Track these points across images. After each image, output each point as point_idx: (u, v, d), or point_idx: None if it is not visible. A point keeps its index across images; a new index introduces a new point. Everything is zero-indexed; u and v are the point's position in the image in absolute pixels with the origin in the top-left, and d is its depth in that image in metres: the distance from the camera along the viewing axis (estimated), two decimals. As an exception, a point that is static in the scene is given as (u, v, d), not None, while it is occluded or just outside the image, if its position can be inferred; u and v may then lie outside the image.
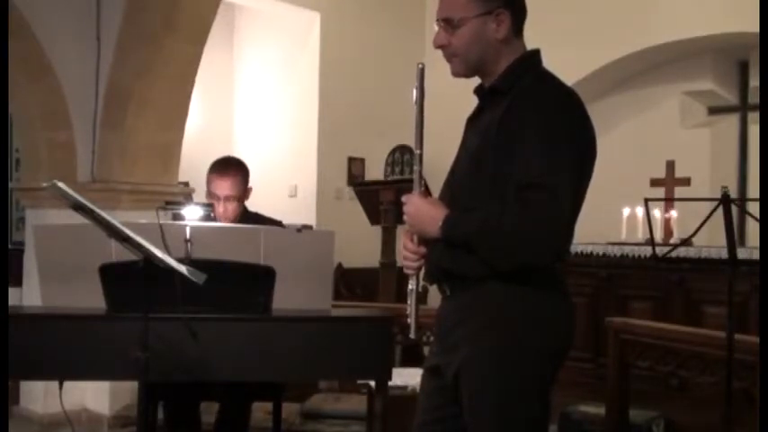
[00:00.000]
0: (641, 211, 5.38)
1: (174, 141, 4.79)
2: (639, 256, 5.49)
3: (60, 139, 4.65)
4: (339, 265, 6.00)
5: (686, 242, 3.78)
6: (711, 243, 4.67)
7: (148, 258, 2.16)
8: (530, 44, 1.98)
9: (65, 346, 2.59)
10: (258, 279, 2.65)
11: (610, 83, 6.70)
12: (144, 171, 4.64)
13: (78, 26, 4.56)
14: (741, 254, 3.41)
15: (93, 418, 4.53)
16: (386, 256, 4.68)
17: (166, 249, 2.28)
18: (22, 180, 5.07)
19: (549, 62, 1.97)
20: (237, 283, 2.63)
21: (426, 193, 2.04)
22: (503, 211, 1.77)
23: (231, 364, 2.64)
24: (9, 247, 5.72)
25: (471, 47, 1.91)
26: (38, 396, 4.52)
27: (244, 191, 3.29)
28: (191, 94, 4.78)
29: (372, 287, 5.20)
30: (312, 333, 2.72)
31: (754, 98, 6.31)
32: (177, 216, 2.92)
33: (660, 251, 3.69)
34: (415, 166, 1.99)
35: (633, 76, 6.70)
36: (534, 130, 1.78)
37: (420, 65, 1.98)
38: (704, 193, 5.48)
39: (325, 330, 2.76)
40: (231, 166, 3.29)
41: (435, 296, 2.05)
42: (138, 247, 2.14)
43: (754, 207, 3.11)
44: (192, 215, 2.87)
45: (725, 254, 3.13)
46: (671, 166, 5.93)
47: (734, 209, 3.11)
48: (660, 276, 5.32)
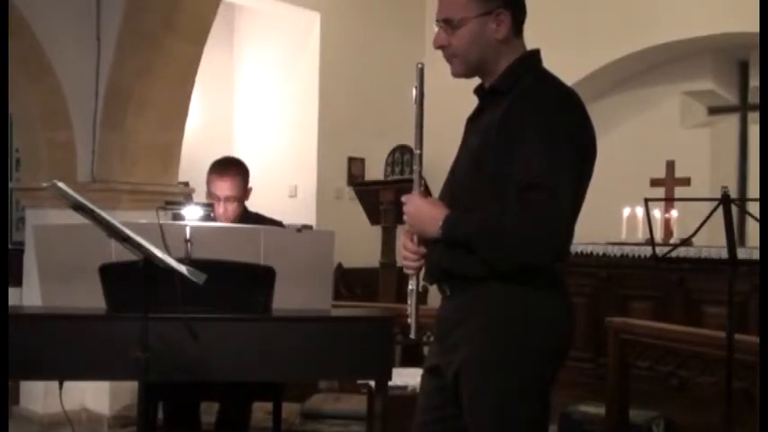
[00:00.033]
0: (641, 211, 5.38)
1: (174, 141, 4.79)
2: (639, 256, 5.49)
3: (60, 139, 4.65)
4: (339, 265, 6.00)
5: (686, 242, 3.78)
6: (711, 243, 4.67)
7: (148, 258, 2.16)
8: (530, 44, 1.98)
9: (65, 346, 2.59)
10: (258, 279, 2.65)
11: (610, 83, 6.70)
12: (144, 171, 4.64)
13: (78, 26, 4.56)
14: (741, 254, 3.41)
15: (93, 418, 4.52)
16: (386, 256, 4.68)
17: (166, 249, 2.28)
18: (22, 180, 5.07)
19: (549, 62, 1.97)
20: (237, 283, 2.63)
21: (426, 193, 2.04)
22: (503, 212, 1.77)
23: (231, 364, 2.64)
24: (9, 247, 5.72)
25: (471, 47, 1.91)
26: (38, 396, 4.52)
27: (244, 191, 3.29)
28: (191, 94, 4.78)
29: (372, 287, 5.20)
30: (312, 333, 2.72)
31: (754, 98, 6.31)
32: (177, 216, 2.92)
33: (660, 251, 3.69)
34: (415, 166, 1.99)
35: (633, 76, 6.70)
36: (534, 130, 1.78)
37: (419, 65, 1.98)
38: (704, 193, 5.48)
39: (325, 330, 2.76)
40: (231, 167, 3.29)
41: (435, 296, 2.05)
42: (138, 247, 2.14)
43: (754, 207, 3.11)
44: (192, 215, 2.87)
45: (725, 254, 3.13)
46: (671, 166, 5.93)
47: (734, 209, 3.11)
48: (660, 276, 5.32)
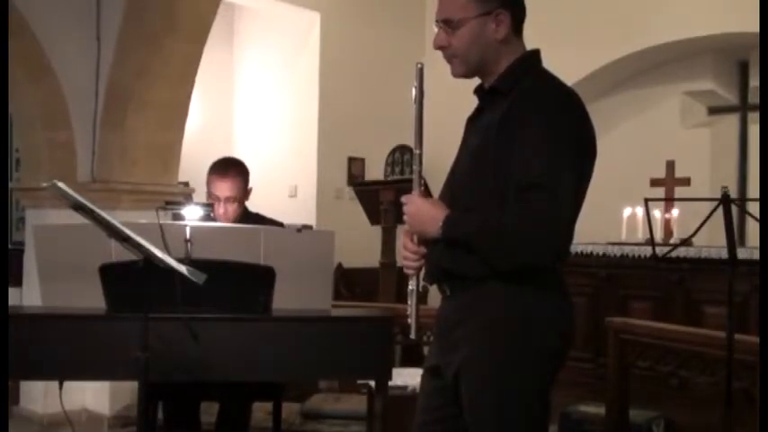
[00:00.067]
0: (641, 211, 5.38)
1: (174, 141, 4.79)
2: (639, 256, 5.49)
3: (60, 139, 4.65)
4: (339, 265, 5.99)
5: (686, 242, 3.78)
6: (711, 243, 4.67)
7: (148, 258, 2.16)
8: (530, 44, 1.98)
9: (65, 346, 2.59)
10: (258, 279, 2.65)
11: (610, 83, 6.70)
12: (144, 171, 4.64)
13: (78, 26, 4.56)
14: (741, 254, 3.41)
15: (93, 418, 4.52)
16: (386, 256, 4.68)
17: (166, 249, 2.28)
18: (22, 180, 5.07)
19: (549, 62, 1.97)
20: (237, 283, 2.63)
21: (426, 193, 2.04)
22: (503, 212, 1.77)
23: (231, 364, 2.64)
24: (9, 247, 5.72)
25: (471, 47, 1.91)
26: (38, 396, 4.52)
27: (244, 192, 3.29)
28: (191, 94, 4.78)
29: (372, 287, 5.20)
30: (312, 333, 2.72)
31: (754, 98, 6.32)
32: (177, 216, 2.91)
33: (660, 251, 3.69)
34: (415, 166, 1.99)
35: (633, 76, 6.70)
36: (534, 130, 1.78)
37: (419, 64, 1.97)
38: (704, 193, 5.48)
39: (325, 330, 2.76)
40: (231, 168, 3.29)
41: (435, 296, 2.05)
42: (138, 247, 2.14)
43: (754, 207, 3.11)
44: (192, 215, 2.87)
45: (725, 254, 3.13)
46: (671, 166, 5.93)
47: (734, 209, 3.11)
48: (660, 276, 5.32)
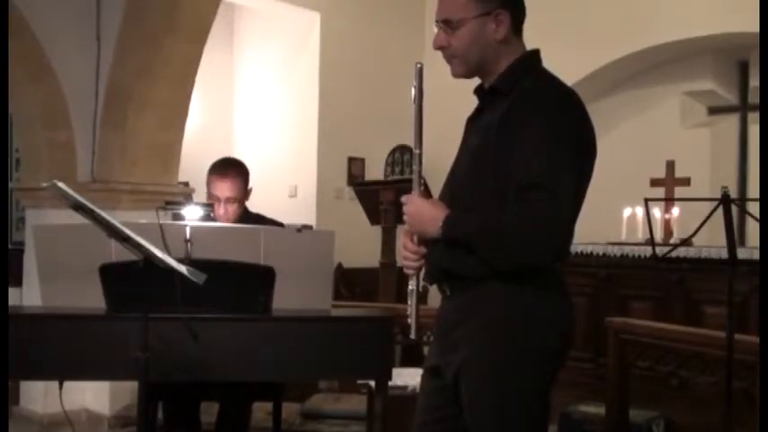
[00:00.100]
0: (641, 211, 5.38)
1: (174, 141, 4.79)
2: (639, 256, 5.48)
3: (60, 139, 4.65)
4: (339, 265, 5.99)
5: (686, 242, 3.78)
6: (711, 243, 4.67)
7: (148, 258, 2.16)
8: (530, 44, 1.98)
9: (65, 346, 2.59)
10: (258, 279, 2.65)
11: (610, 83, 6.70)
12: (144, 171, 4.64)
13: (78, 26, 4.56)
14: (741, 254, 3.41)
15: (93, 418, 4.52)
16: (386, 256, 4.67)
17: (166, 249, 2.28)
18: (22, 180, 5.07)
19: (549, 62, 1.97)
20: (237, 283, 2.63)
21: (426, 193, 2.04)
22: (503, 212, 1.77)
23: (231, 364, 2.64)
24: (9, 247, 5.71)
25: (471, 48, 1.91)
26: (38, 396, 4.52)
27: (244, 192, 3.29)
28: (191, 94, 4.78)
29: (372, 287, 5.19)
30: (312, 333, 2.72)
31: (754, 98, 6.31)
32: (177, 216, 2.91)
33: (660, 251, 3.69)
34: (415, 166, 1.99)
35: (633, 76, 6.70)
36: (534, 130, 1.78)
37: (418, 64, 1.97)
38: (704, 193, 5.48)
39: (325, 330, 2.76)
40: (231, 168, 3.29)
41: (435, 296, 2.05)
42: (138, 247, 2.14)
43: (754, 207, 3.11)
44: (192, 215, 2.87)
45: (725, 254, 3.13)
46: (671, 166, 5.93)
47: (734, 209, 3.11)
48: (660, 276, 5.31)
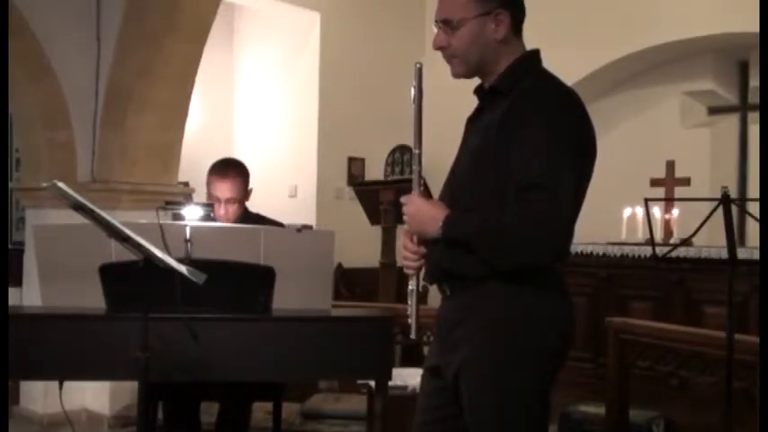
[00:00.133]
0: (641, 211, 5.38)
1: (174, 141, 4.79)
2: (639, 256, 5.48)
3: (60, 139, 4.65)
4: (339, 265, 5.99)
5: (686, 242, 3.78)
6: (711, 243, 4.67)
7: (148, 258, 2.16)
8: (530, 44, 1.98)
9: (65, 346, 2.59)
10: (258, 279, 2.65)
11: (610, 83, 6.70)
12: (144, 171, 4.64)
13: (78, 26, 4.56)
14: (741, 254, 3.41)
15: (93, 418, 4.52)
16: (386, 256, 4.68)
17: (166, 249, 2.28)
18: (22, 180, 5.07)
19: (549, 62, 1.97)
20: (237, 283, 2.63)
21: (426, 193, 2.04)
22: (503, 212, 1.77)
23: (231, 364, 2.64)
24: (9, 247, 5.71)
25: (471, 48, 1.91)
26: (38, 396, 4.52)
27: (244, 192, 3.30)
28: (191, 94, 4.78)
29: (372, 287, 5.20)
30: (312, 333, 2.72)
31: (754, 98, 6.31)
32: (177, 216, 2.91)
33: (660, 251, 3.69)
34: (414, 166, 1.99)
35: (633, 76, 6.70)
36: (534, 130, 1.78)
37: (417, 64, 1.97)
38: (704, 193, 5.48)
39: (325, 330, 2.76)
40: (231, 169, 3.29)
41: (435, 296, 2.05)
42: (138, 247, 2.14)
43: (754, 207, 3.11)
44: (192, 215, 2.87)
45: (725, 254, 3.13)
46: (671, 166, 5.93)
47: (734, 209, 3.11)
48: (660, 276, 5.32)
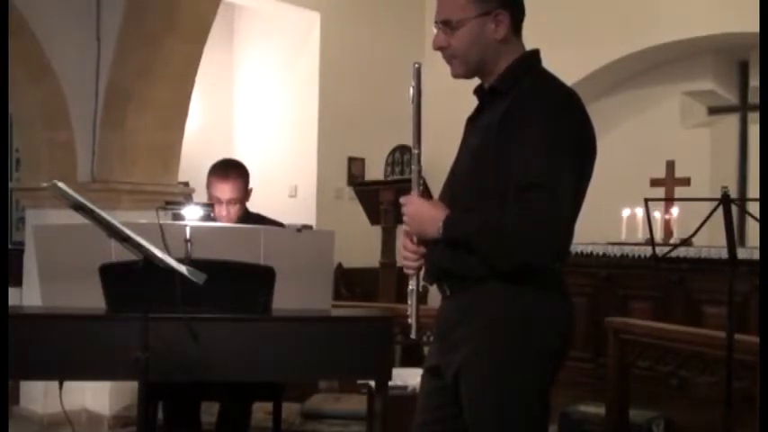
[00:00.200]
0: (641, 211, 5.37)
1: (174, 141, 4.79)
2: (639, 256, 5.49)
3: (60, 139, 4.65)
4: (339, 265, 5.99)
5: (686, 242, 3.78)
6: (711, 243, 4.67)
7: (148, 258, 2.16)
8: (530, 44, 1.98)
9: (65, 346, 2.59)
10: (258, 279, 2.65)
11: (610, 83, 6.70)
12: (144, 171, 4.64)
13: (78, 26, 4.56)
14: (741, 254, 3.41)
15: (93, 418, 4.52)
16: (386, 256, 4.68)
17: (166, 249, 2.28)
18: (22, 180, 5.07)
19: (549, 62, 1.97)
20: (237, 283, 2.63)
21: (426, 193, 2.04)
22: (503, 212, 1.77)
23: (231, 364, 2.64)
24: (9, 247, 5.71)
25: (471, 48, 1.91)
26: (38, 396, 4.52)
27: (245, 193, 3.30)
28: (191, 94, 4.78)
29: (372, 287, 5.20)
30: (312, 333, 2.72)
31: (754, 98, 6.32)
32: (177, 216, 2.92)
33: (660, 251, 3.69)
34: (414, 166, 1.99)
35: (633, 76, 6.70)
36: (534, 130, 1.78)
37: (416, 64, 1.97)
38: (704, 193, 5.48)
39: (325, 330, 2.76)
40: (232, 170, 3.30)
41: (435, 296, 2.05)
42: (138, 247, 2.14)
43: (754, 207, 3.11)
44: (192, 215, 2.87)
45: (725, 254, 3.13)
46: (671, 166, 5.94)
47: (734, 209, 3.11)
48: (660, 276, 5.32)
